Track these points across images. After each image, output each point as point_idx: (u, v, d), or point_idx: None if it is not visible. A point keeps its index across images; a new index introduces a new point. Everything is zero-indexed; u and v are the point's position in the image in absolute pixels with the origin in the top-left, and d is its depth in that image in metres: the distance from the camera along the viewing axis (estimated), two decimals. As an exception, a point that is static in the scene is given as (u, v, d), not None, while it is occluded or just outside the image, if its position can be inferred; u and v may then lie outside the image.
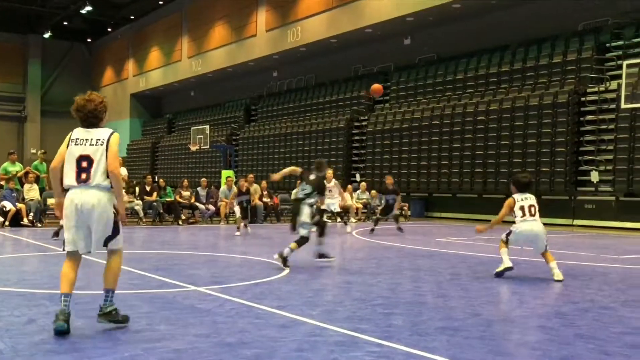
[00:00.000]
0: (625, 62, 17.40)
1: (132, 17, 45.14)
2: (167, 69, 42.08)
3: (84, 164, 4.90)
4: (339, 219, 17.45)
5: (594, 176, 18.91)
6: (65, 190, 4.99)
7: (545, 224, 8.50)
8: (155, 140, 43.43)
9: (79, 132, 5.01)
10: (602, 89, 19.78)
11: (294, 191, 13.36)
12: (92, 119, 5.01)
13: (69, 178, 4.93)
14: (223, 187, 19.39)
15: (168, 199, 18.71)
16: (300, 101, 32.83)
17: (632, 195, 18.18)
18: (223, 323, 5.25)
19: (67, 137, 5.03)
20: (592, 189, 19.00)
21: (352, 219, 20.25)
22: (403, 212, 21.38)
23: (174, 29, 41.53)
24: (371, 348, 4.54)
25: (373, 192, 22.24)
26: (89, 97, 5.04)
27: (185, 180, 20.39)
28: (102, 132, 4.99)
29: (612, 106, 18.92)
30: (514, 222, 8.39)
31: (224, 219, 18.48)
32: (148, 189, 18.42)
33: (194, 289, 6.89)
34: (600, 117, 19.53)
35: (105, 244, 4.98)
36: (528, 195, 8.50)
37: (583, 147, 19.81)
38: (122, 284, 5.76)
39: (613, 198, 18.58)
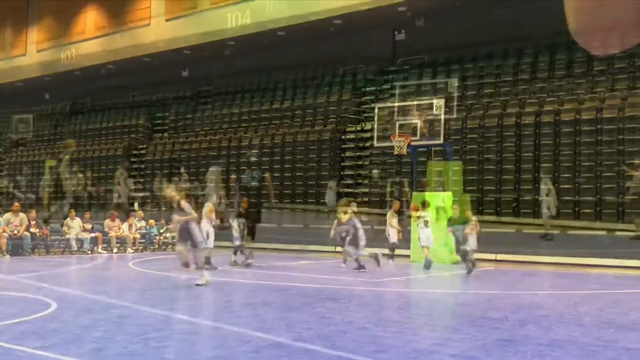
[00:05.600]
0: (377, 106, 19.57)
1: None
2: None
3: None
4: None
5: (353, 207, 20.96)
6: None
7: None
8: None
9: None
10: (359, 128, 22.16)
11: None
12: None
13: None
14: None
15: None
16: (75, 125, 31.62)
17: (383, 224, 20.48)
18: (-26, 371, 4.93)
19: None
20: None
21: (130, 249, 20.10)
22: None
23: None
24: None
25: (151, 221, 22.19)
26: None
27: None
28: None
29: (368, 144, 21.24)
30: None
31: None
32: None
33: (-62, 335, 6.30)
34: (358, 154, 21.83)
35: None
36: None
37: (344, 180, 21.90)
38: None
39: (369, 227, 20.75)
